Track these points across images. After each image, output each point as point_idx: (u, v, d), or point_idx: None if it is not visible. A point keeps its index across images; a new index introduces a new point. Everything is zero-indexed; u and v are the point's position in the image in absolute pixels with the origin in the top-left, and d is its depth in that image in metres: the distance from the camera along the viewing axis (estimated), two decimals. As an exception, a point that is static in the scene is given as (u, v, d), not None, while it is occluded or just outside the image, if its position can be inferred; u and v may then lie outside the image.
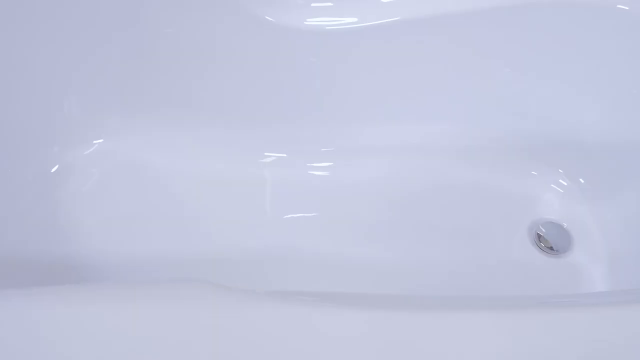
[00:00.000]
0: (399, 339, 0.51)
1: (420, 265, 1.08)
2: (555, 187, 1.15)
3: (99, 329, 0.50)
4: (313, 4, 0.93)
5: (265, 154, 1.20)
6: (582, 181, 1.14)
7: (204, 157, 1.19)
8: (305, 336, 0.50)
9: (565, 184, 1.15)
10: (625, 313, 0.56)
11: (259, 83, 1.08)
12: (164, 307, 0.52)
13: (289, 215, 1.16)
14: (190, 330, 0.50)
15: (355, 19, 0.96)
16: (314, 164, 1.20)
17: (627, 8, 0.91)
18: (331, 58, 1.02)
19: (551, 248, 1.10)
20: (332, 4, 0.93)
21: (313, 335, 0.50)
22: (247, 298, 0.52)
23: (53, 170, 1.10)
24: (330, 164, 1.20)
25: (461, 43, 1.01)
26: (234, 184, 1.18)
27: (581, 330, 0.54)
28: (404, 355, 0.50)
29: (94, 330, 0.50)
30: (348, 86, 1.08)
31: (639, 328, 0.54)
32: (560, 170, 1.16)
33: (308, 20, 0.95)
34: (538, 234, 1.11)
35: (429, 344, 0.51)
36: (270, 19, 0.93)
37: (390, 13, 0.95)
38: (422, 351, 0.50)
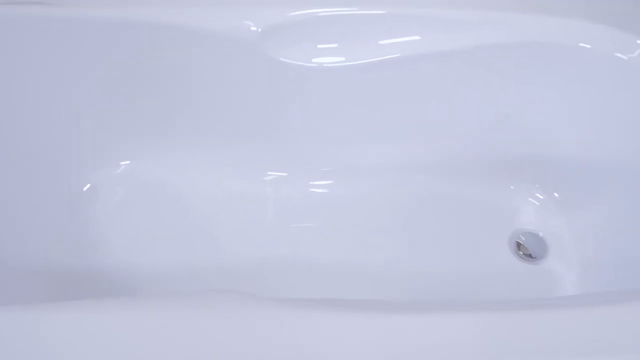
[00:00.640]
0: (391, 338, 0.58)
1: (412, 272, 1.13)
2: (532, 200, 1.21)
3: (147, 338, 0.57)
4: (319, 46, 1.00)
5: (268, 172, 1.24)
6: (557, 195, 1.19)
7: (214, 175, 1.24)
8: (317, 336, 0.58)
9: (542, 197, 1.20)
10: (595, 312, 0.63)
11: (265, 111, 1.13)
12: (203, 314, 0.59)
13: (292, 227, 1.21)
14: (226, 334, 0.57)
15: (355, 58, 1.02)
16: (314, 182, 1.25)
17: (589, 46, 0.99)
18: (332, 90, 1.07)
19: (530, 255, 1.15)
20: (336, 46, 1.00)
21: (324, 335, 0.58)
22: (271, 305, 0.59)
23: (85, 188, 1.16)
24: (330, 182, 1.25)
25: (448, 76, 1.06)
26: (240, 200, 1.23)
27: (553, 328, 0.60)
28: (396, 351, 0.57)
29: (143, 338, 0.57)
30: (346, 114, 1.13)
31: (606, 325, 0.61)
32: (537, 186, 1.21)
33: (314, 59, 1.02)
34: (518, 242, 1.16)
35: (420, 341, 0.58)
36: (283, 59, 1.00)
37: (385, 52, 1.01)
38: (414, 347, 0.57)
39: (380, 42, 1.00)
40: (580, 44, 0.98)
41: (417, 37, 1.00)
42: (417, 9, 0.99)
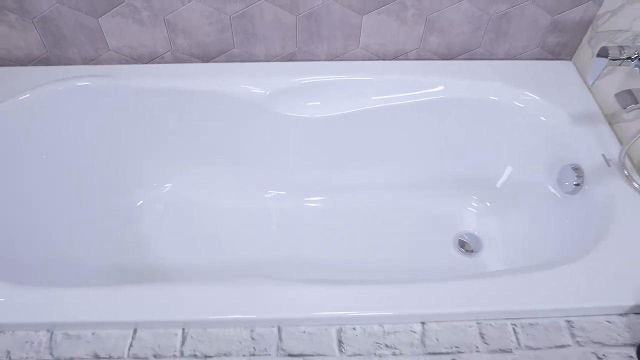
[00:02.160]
0: (359, 300, 0.82)
1: (384, 264, 1.29)
2: (471, 208, 1.39)
3: (212, 304, 0.79)
4: (308, 104, 1.22)
5: (269, 191, 1.41)
6: (489, 205, 1.38)
7: (229, 194, 1.40)
8: (315, 297, 0.82)
9: (477, 206, 1.39)
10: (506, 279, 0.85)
11: (269, 148, 1.32)
12: (245, 289, 0.83)
13: (291, 234, 1.34)
14: (258, 300, 0.81)
15: (341, 109, 1.23)
16: (309, 198, 1.41)
17: (496, 98, 1.21)
18: (320, 132, 1.28)
19: (472, 251, 1.33)
20: (319, 103, 1.22)
21: (320, 296, 0.82)
22: (283, 282, 0.84)
23: (138, 204, 1.36)
24: (322, 198, 1.41)
25: (412, 120, 1.26)
26: (250, 213, 1.38)
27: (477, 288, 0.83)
28: (360, 303, 0.81)
29: (210, 304, 0.79)
30: (333, 147, 1.32)
31: (513, 287, 0.83)
32: (474, 197, 1.40)
33: (304, 112, 1.23)
34: (461, 240, 1.35)
35: (394, 299, 0.81)
36: (284, 112, 1.22)
37: (364, 105, 1.22)
38: (380, 305, 0.80)
39: (361, 99, 1.23)
40: (490, 97, 1.22)
41: (390, 95, 1.23)
42: (391, 75, 1.23)
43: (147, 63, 1.28)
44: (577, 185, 1.11)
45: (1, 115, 1.12)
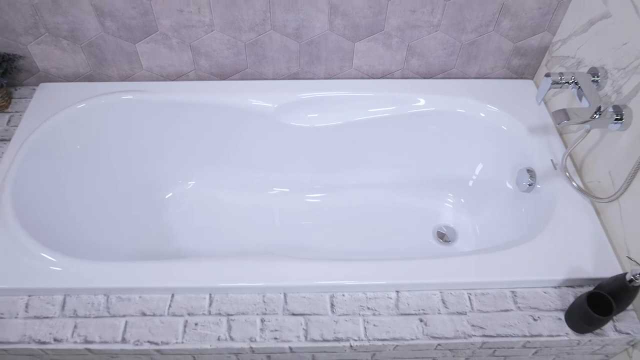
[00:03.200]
0: (351, 274, 1.00)
1: (374, 253, 1.43)
2: (448, 204, 1.54)
3: (231, 274, 0.97)
4: (309, 115, 1.38)
5: (274, 188, 1.53)
6: (463, 201, 1.53)
7: (240, 191, 1.52)
8: (316, 272, 0.99)
9: (453, 202, 1.53)
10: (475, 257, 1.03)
11: (275, 152, 1.46)
12: (258, 263, 1.00)
13: (293, 226, 1.45)
14: (269, 273, 0.98)
15: (331, 120, 1.39)
16: (309, 195, 1.54)
17: (463, 111, 1.36)
18: (319, 139, 1.43)
19: (449, 241, 1.47)
20: (317, 115, 1.38)
21: (319, 272, 0.99)
22: (289, 259, 1.02)
23: (167, 197, 1.51)
24: (321, 194, 1.54)
25: (400, 129, 1.41)
26: (257, 207, 1.50)
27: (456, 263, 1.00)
28: (348, 276, 0.98)
29: (229, 274, 0.97)
30: (330, 152, 1.47)
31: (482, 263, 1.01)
32: (450, 194, 1.54)
33: (305, 122, 1.38)
34: (439, 232, 1.50)
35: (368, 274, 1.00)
36: (290, 123, 1.36)
37: (356, 116, 1.37)
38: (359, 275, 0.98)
39: (354, 111, 1.38)
40: (458, 110, 1.38)
41: (379, 108, 1.38)
42: (380, 92, 1.39)
43: (174, 80, 1.45)
44: (530, 185, 1.30)
45: (64, 120, 1.30)
